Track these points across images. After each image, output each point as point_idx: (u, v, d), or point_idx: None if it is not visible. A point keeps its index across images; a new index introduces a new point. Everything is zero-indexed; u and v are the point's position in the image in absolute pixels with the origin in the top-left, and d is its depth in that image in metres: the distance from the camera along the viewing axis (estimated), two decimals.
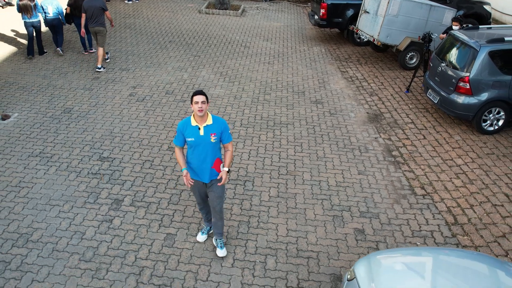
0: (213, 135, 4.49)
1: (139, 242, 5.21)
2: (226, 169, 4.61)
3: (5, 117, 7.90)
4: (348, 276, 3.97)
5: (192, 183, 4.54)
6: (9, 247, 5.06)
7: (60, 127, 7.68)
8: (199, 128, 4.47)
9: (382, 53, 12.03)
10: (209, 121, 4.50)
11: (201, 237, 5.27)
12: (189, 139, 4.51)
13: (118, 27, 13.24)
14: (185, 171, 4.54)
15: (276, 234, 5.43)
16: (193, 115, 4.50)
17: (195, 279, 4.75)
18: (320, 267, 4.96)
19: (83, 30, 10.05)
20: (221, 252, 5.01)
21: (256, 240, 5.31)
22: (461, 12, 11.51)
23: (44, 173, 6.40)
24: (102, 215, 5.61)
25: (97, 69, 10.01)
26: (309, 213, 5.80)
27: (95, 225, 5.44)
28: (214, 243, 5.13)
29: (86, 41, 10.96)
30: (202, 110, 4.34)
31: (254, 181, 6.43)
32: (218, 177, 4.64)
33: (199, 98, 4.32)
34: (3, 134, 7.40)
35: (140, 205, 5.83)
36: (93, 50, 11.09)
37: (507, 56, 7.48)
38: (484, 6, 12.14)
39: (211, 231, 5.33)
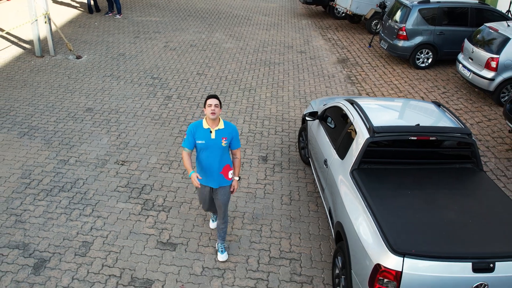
0: (224, 139, 4.50)
1: (185, 113, 8.48)
2: (237, 178, 4.71)
3: (79, 57, 11.16)
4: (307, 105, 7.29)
5: (199, 186, 4.32)
6: (107, 113, 8.33)
7: (119, 62, 10.95)
8: (211, 131, 4.47)
9: (356, 24, 15.31)
10: (221, 125, 4.52)
11: (213, 224, 5.54)
12: (200, 142, 4.48)
13: (145, 5, 16.54)
14: (193, 174, 4.32)
15: (270, 112, 8.71)
16: (205, 118, 4.53)
17: None
18: (296, 127, 8.23)
19: None
20: (221, 257, 5.04)
21: (257, 114, 8.59)
22: None
23: (117, 84, 9.67)
24: (160, 102, 8.89)
25: None
26: (291, 104, 9.07)
27: (157, 106, 8.71)
28: (216, 247, 5.21)
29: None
30: (214, 113, 4.37)
31: (255, 89, 9.71)
32: (231, 189, 4.72)
33: (212, 101, 4.37)
34: (81, 66, 10.66)
35: (183, 98, 9.11)
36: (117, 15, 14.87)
37: (432, 12, 10.77)
38: None
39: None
